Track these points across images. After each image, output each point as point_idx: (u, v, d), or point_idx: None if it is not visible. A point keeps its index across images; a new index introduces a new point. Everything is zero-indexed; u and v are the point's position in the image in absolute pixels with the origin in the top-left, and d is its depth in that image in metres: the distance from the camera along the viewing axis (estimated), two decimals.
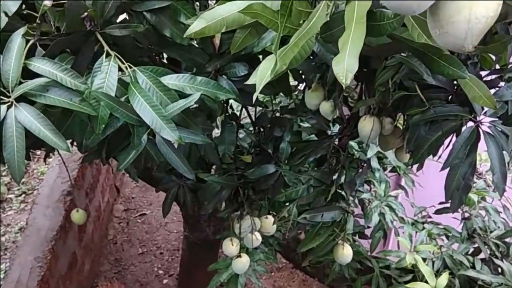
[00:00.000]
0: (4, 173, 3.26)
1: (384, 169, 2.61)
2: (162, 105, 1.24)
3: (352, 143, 2.41)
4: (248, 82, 0.93)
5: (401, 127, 1.53)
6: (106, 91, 1.21)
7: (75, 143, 1.57)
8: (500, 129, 1.33)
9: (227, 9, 0.95)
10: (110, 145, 1.37)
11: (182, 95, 1.28)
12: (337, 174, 1.73)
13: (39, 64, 1.17)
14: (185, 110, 1.26)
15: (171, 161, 1.32)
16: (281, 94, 1.93)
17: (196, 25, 0.96)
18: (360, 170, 1.91)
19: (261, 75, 0.84)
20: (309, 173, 1.84)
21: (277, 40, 0.84)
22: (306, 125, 1.97)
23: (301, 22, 0.86)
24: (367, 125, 1.46)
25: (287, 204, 2.07)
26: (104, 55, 1.26)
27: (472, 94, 1.10)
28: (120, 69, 1.27)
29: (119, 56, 1.28)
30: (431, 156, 1.63)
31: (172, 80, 1.28)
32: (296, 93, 2.71)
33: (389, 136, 1.53)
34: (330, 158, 1.76)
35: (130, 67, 1.28)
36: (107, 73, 1.23)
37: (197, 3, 2.12)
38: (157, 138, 1.29)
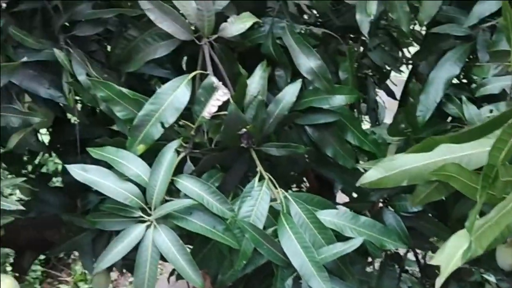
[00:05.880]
0: None
1: None
2: (315, 246, 1.31)
3: None
4: (433, 262, 0.94)
5: None
6: (253, 221, 1.32)
7: None
8: None
9: (410, 160, 1.01)
10: (248, 283, 1.47)
11: (339, 236, 1.34)
12: None
13: (187, 183, 1.33)
14: (341, 256, 1.31)
15: None
16: None
17: (373, 174, 1.03)
18: None
19: (448, 258, 0.85)
20: None
21: (474, 214, 0.86)
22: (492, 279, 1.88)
23: (505, 194, 0.88)
24: None
25: None
26: (256, 178, 1.39)
27: None
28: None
29: (272, 179, 1.40)
30: None
31: (329, 217, 1.36)
32: None
33: None
34: None
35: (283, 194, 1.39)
36: (257, 200, 1.35)
37: (366, 116, 2.26)
38: (303, 284, 1.35)
